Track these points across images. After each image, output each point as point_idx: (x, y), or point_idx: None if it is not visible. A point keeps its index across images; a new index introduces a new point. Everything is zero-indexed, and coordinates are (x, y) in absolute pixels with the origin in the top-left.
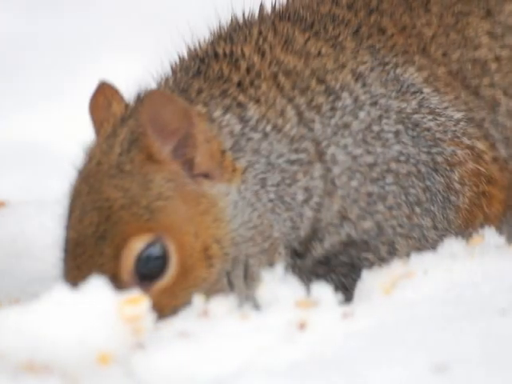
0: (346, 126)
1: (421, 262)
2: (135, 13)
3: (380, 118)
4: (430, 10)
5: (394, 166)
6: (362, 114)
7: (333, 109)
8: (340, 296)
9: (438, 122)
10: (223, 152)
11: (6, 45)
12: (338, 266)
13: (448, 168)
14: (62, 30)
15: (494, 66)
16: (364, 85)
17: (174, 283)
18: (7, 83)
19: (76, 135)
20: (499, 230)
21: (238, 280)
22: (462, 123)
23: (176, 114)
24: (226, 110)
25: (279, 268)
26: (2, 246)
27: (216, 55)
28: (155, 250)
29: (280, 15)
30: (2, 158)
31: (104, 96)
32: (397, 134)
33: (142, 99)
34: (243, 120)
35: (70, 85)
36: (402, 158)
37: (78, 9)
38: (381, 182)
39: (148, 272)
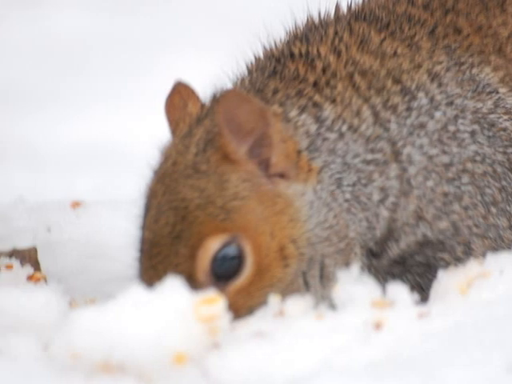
0: (422, 125)
1: (497, 262)
2: (211, 13)
3: (456, 118)
4: (505, 10)
5: (469, 166)
6: (437, 114)
7: (409, 109)
8: (416, 296)
9: None
10: (299, 152)
11: (79, 44)
12: (413, 266)
13: None
14: (137, 29)
15: None
16: (440, 85)
17: (250, 283)
18: (81, 83)
19: (151, 135)
20: None
21: (314, 280)
22: None
23: (252, 114)
24: (302, 110)
25: (355, 268)
26: (76, 246)
27: (292, 55)
28: (231, 250)
29: (356, 15)
30: (77, 159)
31: (180, 96)
32: (473, 133)
33: (217, 99)
34: (319, 120)
35: (146, 84)
36: (478, 158)
37: (153, 9)
38: (457, 182)
39: (224, 272)
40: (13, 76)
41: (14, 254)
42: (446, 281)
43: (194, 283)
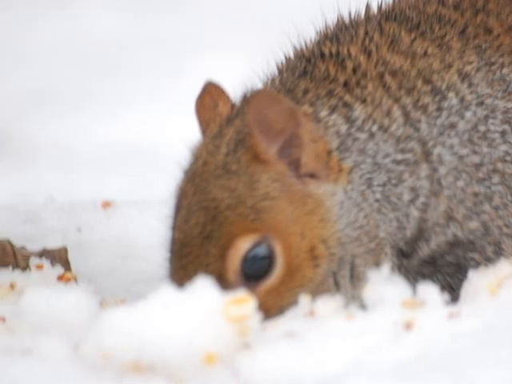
0: (452, 126)
1: None
2: (241, 13)
3: (486, 118)
4: None
5: (500, 166)
6: (468, 114)
7: (439, 109)
8: (446, 296)
9: None
10: (329, 152)
11: (110, 45)
12: (444, 266)
13: None
14: (167, 29)
15: None
16: (470, 85)
17: (280, 283)
18: (112, 84)
19: (181, 136)
20: None
21: (344, 280)
22: None
23: (282, 114)
24: (332, 110)
25: (385, 268)
26: (107, 247)
27: (322, 55)
28: (261, 250)
29: (386, 15)
30: (107, 159)
31: (210, 96)
32: (503, 133)
33: (248, 99)
34: (349, 120)
35: (175, 85)
36: (508, 158)
37: (183, 8)
38: (487, 182)
39: (254, 272)
40: (44, 76)
41: (44, 253)
42: (477, 281)
43: (224, 283)
